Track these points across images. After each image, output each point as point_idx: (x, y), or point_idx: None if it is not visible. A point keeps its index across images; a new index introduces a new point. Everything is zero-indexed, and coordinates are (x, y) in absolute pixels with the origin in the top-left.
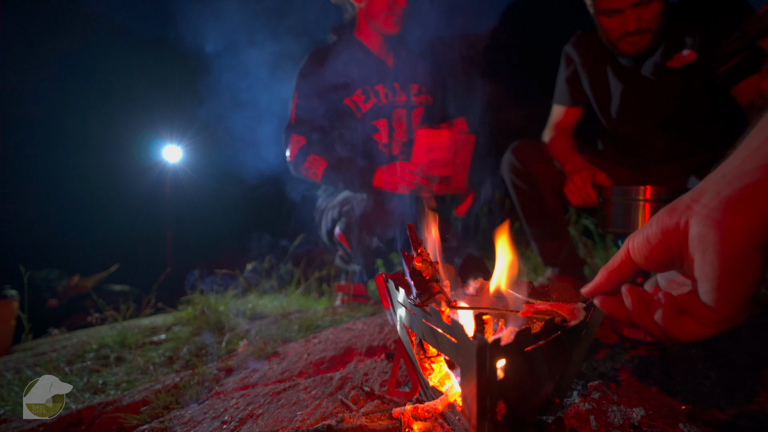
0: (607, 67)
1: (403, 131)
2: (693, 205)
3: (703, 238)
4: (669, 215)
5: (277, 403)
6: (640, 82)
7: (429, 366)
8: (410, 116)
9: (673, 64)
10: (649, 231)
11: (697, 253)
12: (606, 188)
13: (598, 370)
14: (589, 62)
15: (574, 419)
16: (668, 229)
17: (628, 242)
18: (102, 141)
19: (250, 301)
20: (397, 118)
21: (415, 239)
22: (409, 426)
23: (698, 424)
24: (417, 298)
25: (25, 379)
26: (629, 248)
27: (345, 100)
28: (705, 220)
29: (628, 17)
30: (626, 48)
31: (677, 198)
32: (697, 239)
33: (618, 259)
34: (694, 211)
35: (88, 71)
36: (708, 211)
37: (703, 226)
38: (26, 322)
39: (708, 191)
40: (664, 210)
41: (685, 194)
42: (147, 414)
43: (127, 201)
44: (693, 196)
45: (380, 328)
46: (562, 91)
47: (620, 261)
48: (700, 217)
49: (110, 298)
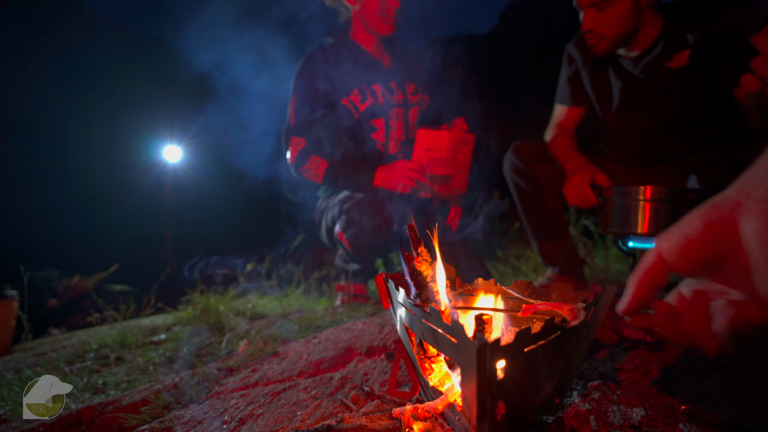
0: (608, 67)
1: (401, 130)
2: (743, 200)
3: (763, 234)
4: (714, 211)
5: (277, 403)
6: (640, 82)
7: (429, 366)
8: (407, 115)
9: (672, 64)
10: (688, 228)
11: (754, 251)
12: (606, 188)
13: (598, 370)
14: (590, 62)
15: (574, 419)
16: (715, 225)
17: (659, 243)
18: (102, 141)
19: (250, 301)
20: (395, 117)
21: (415, 239)
22: (409, 426)
23: (698, 424)
24: (417, 298)
25: (25, 379)
26: (661, 250)
27: (342, 100)
28: (763, 215)
29: (585, 17)
30: (589, 47)
31: (719, 194)
32: (755, 236)
33: (647, 264)
34: (746, 206)
35: (88, 71)
36: (765, 206)
37: (762, 221)
38: (26, 322)
39: (760, 186)
40: (707, 207)
41: (727, 190)
42: (147, 414)
43: (127, 201)
44: (740, 191)
45: (380, 328)
46: (563, 91)
47: (651, 265)
48: (756, 213)
49: (110, 298)
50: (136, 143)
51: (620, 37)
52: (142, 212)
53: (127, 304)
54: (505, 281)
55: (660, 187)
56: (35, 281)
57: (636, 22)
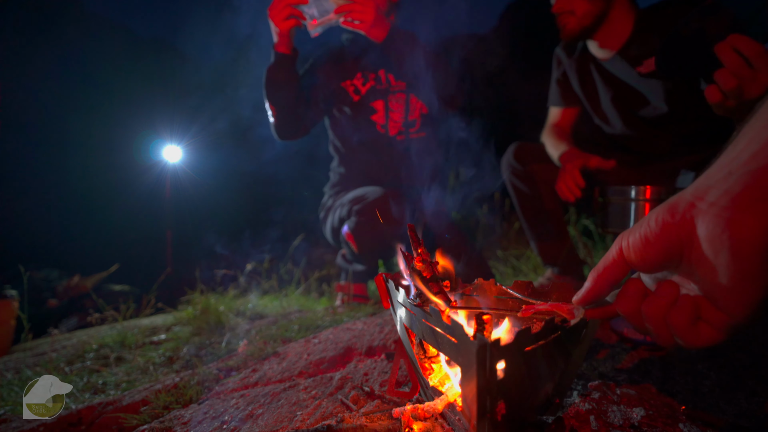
0: (591, 66)
1: (401, 112)
2: (697, 203)
3: (715, 238)
4: (670, 213)
5: (277, 403)
6: (622, 83)
7: (429, 366)
8: (408, 98)
9: (642, 69)
10: (646, 229)
11: (708, 254)
12: (606, 188)
13: (598, 370)
14: (576, 63)
15: (574, 419)
16: (670, 227)
17: (619, 241)
18: (102, 141)
19: (250, 301)
20: (395, 100)
21: (415, 239)
22: (409, 426)
23: (698, 424)
24: (417, 298)
25: (25, 379)
26: (622, 247)
27: (343, 83)
28: (715, 219)
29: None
30: (561, 29)
31: (676, 194)
32: (708, 240)
33: (609, 260)
34: (700, 209)
35: (88, 71)
36: (718, 209)
37: (714, 225)
38: (26, 322)
39: (713, 188)
40: (663, 207)
41: (684, 191)
42: (147, 414)
43: (127, 201)
44: (695, 193)
45: (380, 328)
46: (554, 93)
47: (611, 262)
48: (709, 216)
49: (110, 298)
50: (136, 143)
51: (589, 15)
52: (142, 212)
53: (127, 304)
54: (505, 281)
55: (660, 186)
56: (35, 281)
57: (605, 5)
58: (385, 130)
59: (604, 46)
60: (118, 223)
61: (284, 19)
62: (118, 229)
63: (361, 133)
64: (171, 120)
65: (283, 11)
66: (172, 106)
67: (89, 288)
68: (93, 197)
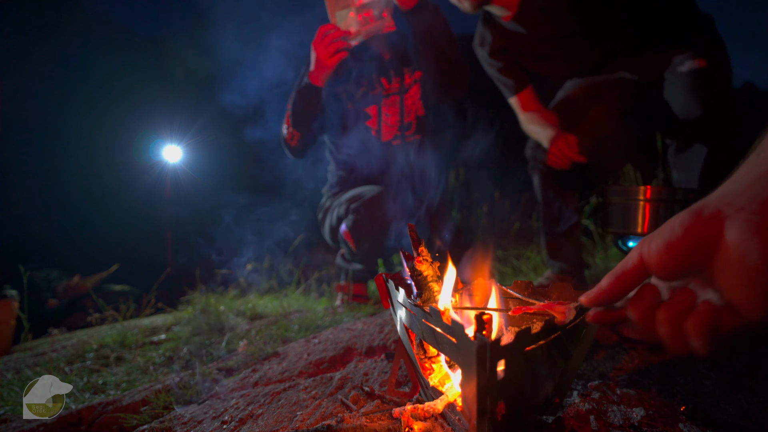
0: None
1: (396, 116)
2: (724, 208)
3: (745, 242)
4: (695, 219)
5: (277, 403)
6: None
7: (429, 366)
8: (403, 99)
9: None
10: (670, 235)
11: (737, 258)
12: (606, 188)
13: (598, 370)
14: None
15: (574, 419)
16: (695, 232)
17: (641, 247)
18: (102, 141)
19: (250, 301)
20: (389, 104)
21: (416, 239)
22: (409, 426)
23: (698, 424)
24: (417, 298)
25: (25, 379)
26: (642, 254)
27: (336, 91)
28: (745, 223)
29: None
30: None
31: (699, 200)
32: (738, 245)
33: (628, 266)
34: (728, 215)
35: (88, 71)
36: (747, 214)
37: (744, 230)
38: (26, 322)
39: (741, 193)
40: (687, 213)
41: (707, 197)
42: (147, 414)
43: (127, 201)
44: (722, 198)
45: (380, 328)
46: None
47: (632, 267)
48: (739, 220)
49: (110, 298)
50: (136, 143)
51: None
52: (142, 212)
53: (127, 304)
54: (505, 281)
55: (659, 187)
56: (35, 281)
57: None
58: (379, 135)
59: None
60: (118, 223)
61: (331, 55)
62: (118, 229)
63: (355, 140)
64: (171, 120)
65: (330, 47)
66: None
67: (89, 288)
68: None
